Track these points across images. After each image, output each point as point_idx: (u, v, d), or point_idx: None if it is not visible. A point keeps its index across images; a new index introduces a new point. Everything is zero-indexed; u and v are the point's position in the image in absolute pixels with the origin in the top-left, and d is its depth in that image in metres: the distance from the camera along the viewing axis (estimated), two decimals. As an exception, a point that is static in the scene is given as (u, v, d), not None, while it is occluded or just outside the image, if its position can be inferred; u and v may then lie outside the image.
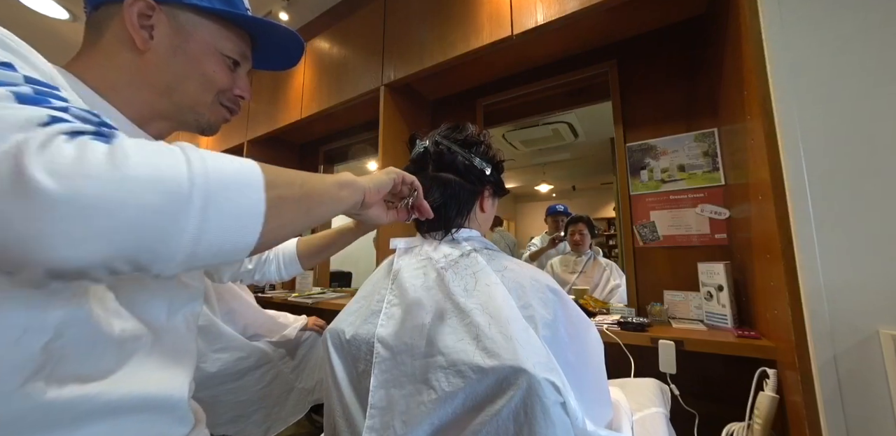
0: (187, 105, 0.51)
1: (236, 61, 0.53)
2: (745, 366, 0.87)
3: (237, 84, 0.54)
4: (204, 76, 0.50)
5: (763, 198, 0.79)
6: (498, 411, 0.44)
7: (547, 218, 1.84)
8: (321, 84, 1.91)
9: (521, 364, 0.44)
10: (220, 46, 0.51)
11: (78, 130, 0.26)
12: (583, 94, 1.50)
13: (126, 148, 0.26)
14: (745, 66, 0.85)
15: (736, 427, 0.83)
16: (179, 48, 0.48)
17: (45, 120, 0.26)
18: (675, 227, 1.23)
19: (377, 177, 0.51)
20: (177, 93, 0.49)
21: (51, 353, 0.32)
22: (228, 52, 0.52)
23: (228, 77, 0.53)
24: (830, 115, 0.74)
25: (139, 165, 0.25)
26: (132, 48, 0.46)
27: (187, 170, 0.27)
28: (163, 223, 0.26)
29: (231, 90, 0.54)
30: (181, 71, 0.49)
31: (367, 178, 0.49)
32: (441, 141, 0.65)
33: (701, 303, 1.10)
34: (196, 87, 0.50)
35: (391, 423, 0.50)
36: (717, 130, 1.18)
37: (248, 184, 0.31)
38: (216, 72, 0.51)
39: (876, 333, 0.66)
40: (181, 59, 0.48)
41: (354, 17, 1.83)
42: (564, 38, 1.36)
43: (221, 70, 0.52)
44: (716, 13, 1.08)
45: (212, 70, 0.50)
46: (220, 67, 0.51)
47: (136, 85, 0.47)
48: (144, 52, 0.46)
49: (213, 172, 0.28)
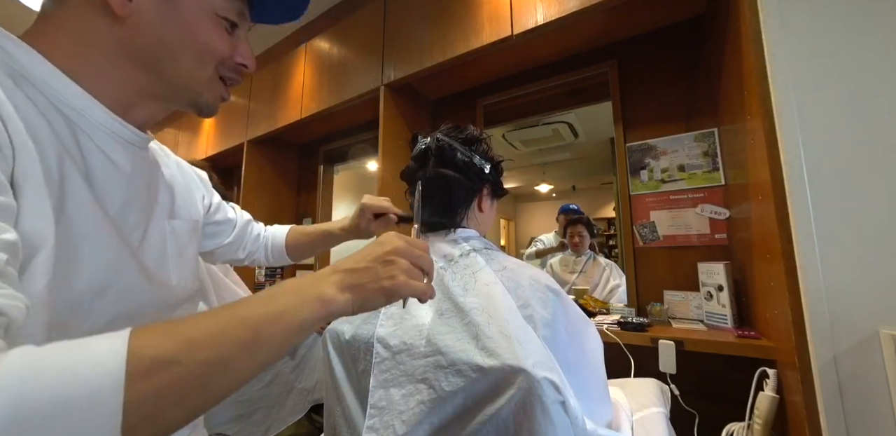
0: (182, 83, 0.42)
1: (233, 23, 0.44)
2: (745, 366, 0.87)
3: (238, 50, 0.45)
4: (200, 45, 0.41)
5: (763, 198, 0.79)
6: (498, 411, 0.44)
7: (559, 217, 1.83)
8: (321, 84, 1.91)
9: (520, 364, 0.44)
10: (215, 5, 0.42)
11: None
12: (583, 94, 1.50)
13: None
14: (745, 66, 0.85)
15: (736, 427, 0.83)
16: (167, 10, 0.39)
17: None
18: (675, 227, 1.23)
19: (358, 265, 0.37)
20: (167, 68, 0.40)
21: None
22: (224, 12, 0.43)
23: (228, 43, 0.44)
24: (830, 115, 0.73)
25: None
26: (107, 13, 0.36)
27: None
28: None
29: (232, 58, 0.45)
30: (171, 40, 0.39)
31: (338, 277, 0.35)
32: (442, 138, 0.65)
33: (701, 303, 1.10)
34: (190, 59, 0.41)
35: (391, 423, 0.50)
36: (717, 130, 1.18)
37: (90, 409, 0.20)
38: (213, 38, 0.42)
39: (876, 333, 0.66)
40: (170, 24, 0.39)
41: (354, 17, 1.83)
42: (564, 38, 1.36)
43: (219, 35, 0.42)
44: (716, 13, 1.08)
45: (208, 36, 0.41)
46: (217, 32, 0.42)
47: (114, 61, 0.38)
48: (123, 18, 0.37)
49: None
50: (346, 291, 0.35)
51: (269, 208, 2.37)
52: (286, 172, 2.51)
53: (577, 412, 0.45)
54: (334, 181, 2.45)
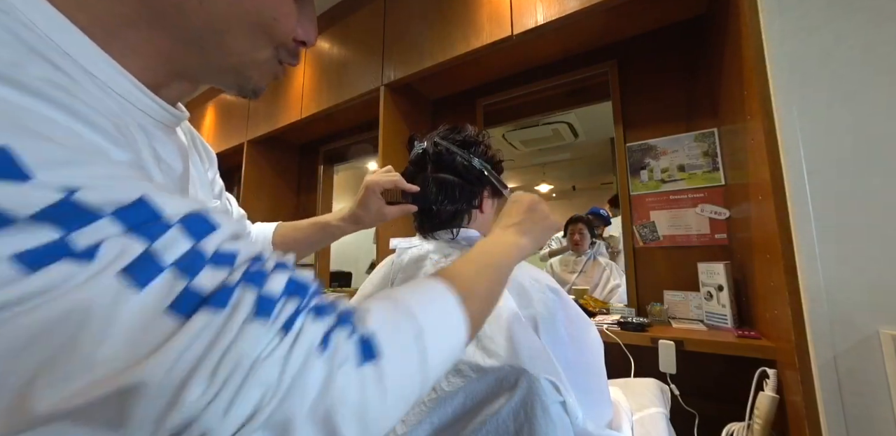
0: (229, 65, 0.33)
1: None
2: (745, 366, 0.87)
3: (300, 23, 0.35)
4: (261, 25, 0.31)
5: (763, 198, 0.79)
6: (497, 411, 0.44)
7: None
8: (321, 84, 1.91)
9: (520, 364, 0.44)
10: None
11: (328, 330, 0.24)
12: (583, 95, 1.50)
13: (383, 368, 0.24)
14: (745, 66, 0.85)
15: (736, 427, 0.83)
16: None
17: (284, 321, 0.22)
18: (675, 227, 1.23)
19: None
20: (212, 47, 0.31)
21: None
22: None
23: (294, 19, 0.33)
24: (830, 114, 0.73)
25: (400, 390, 0.25)
26: None
27: (424, 375, 0.27)
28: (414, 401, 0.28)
29: (294, 36, 0.35)
30: (221, 16, 0.29)
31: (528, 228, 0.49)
32: (440, 142, 0.65)
33: (701, 303, 1.10)
34: (246, 39, 0.31)
35: (391, 423, 0.50)
36: (717, 130, 1.18)
37: (455, 354, 0.32)
38: (280, 14, 0.32)
39: (876, 333, 0.66)
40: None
41: (354, 17, 1.83)
42: (564, 38, 1.36)
43: (286, 9, 0.32)
44: (716, 13, 1.08)
45: (272, 9, 0.31)
46: (285, 5, 0.32)
47: (146, 31, 0.29)
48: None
49: (443, 359, 0.30)
50: (525, 235, 0.48)
51: (270, 209, 2.37)
52: (286, 172, 2.51)
53: (578, 412, 0.46)
54: (334, 181, 2.45)
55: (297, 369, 0.21)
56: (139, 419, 0.18)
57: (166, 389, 0.18)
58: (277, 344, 0.21)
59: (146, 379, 0.18)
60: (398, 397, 0.25)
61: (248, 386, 0.19)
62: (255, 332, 0.20)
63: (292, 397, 0.20)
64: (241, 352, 0.19)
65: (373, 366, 0.24)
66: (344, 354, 0.23)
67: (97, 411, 0.17)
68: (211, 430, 0.18)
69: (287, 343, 0.21)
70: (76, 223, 0.18)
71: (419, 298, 0.31)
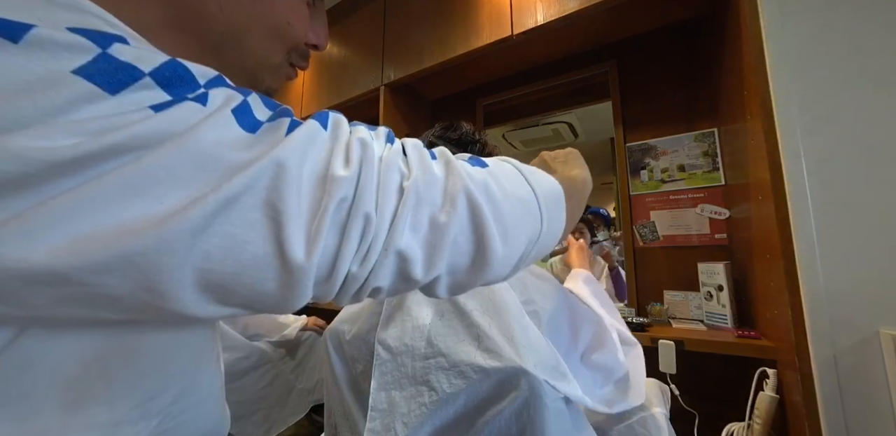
0: (245, 68, 0.34)
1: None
2: (745, 366, 0.88)
3: (312, 27, 0.37)
4: (276, 29, 0.33)
5: (763, 198, 0.79)
6: (500, 411, 0.44)
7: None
8: (321, 84, 1.91)
9: (522, 365, 0.44)
10: None
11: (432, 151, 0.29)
12: (583, 95, 1.50)
13: (494, 172, 0.29)
14: (745, 66, 0.85)
15: (736, 427, 0.83)
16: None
17: (384, 137, 0.27)
18: (675, 227, 1.23)
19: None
20: (231, 50, 0.32)
21: None
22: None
23: (307, 24, 0.36)
24: (830, 115, 0.73)
25: (514, 190, 0.29)
26: None
27: (533, 192, 0.30)
28: (533, 238, 0.30)
29: (306, 40, 0.37)
30: (242, 20, 0.31)
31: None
32: (435, 141, 0.64)
33: (701, 303, 1.10)
34: (261, 44, 0.33)
35: (392, 425, 0.50)
36: (717, 130, 1.18)
37: (560, 200, 0.33)
38: (293, 19, 0.34)
39: (876, 333, 0.66)
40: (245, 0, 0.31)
41: (354, 17, 1.83)
42: (564, 38, 1.36)
43: (301, 14, 0.34)
44: (716, 13, 1.08)
45: (286, 15, 0.33)
46: (299, 10, 0.34)
47: (169, 36, 0.29)
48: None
49: (546, 193, 0.31)
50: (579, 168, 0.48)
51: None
52: (286, 172, 2.51)
53: (585, 400, 0.46)
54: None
55: (418, 159, 0.26)
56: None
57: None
58: (386, 147, 0.26)
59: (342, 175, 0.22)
60: (512, 191, 0.28)
61: (385, 172, 0.24)
62: (363, 130, 0.25)
63: (421, 177, 0.25)
64: (365, 141, 0.24)
65: (484, 168, 0.28)
66: (455, 159, 0.27)
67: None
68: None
69: (398, 144, 0.27)
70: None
71: (532, 171, 0.34)
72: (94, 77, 0.18)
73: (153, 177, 0.18)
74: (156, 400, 0.25)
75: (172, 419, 0.26)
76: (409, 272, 0.24)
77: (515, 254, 0.28)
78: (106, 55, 0.19)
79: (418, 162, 0.25)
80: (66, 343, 0.21)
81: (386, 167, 0.24)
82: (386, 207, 0.23)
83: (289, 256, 0.20)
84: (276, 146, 0.20)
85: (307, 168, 0.21)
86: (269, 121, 0.22)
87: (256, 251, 0.19)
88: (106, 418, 0.23)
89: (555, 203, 0.32)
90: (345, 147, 0.23)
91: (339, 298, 0.24)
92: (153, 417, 0.25)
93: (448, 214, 0.24)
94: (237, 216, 0.19)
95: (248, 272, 0.20)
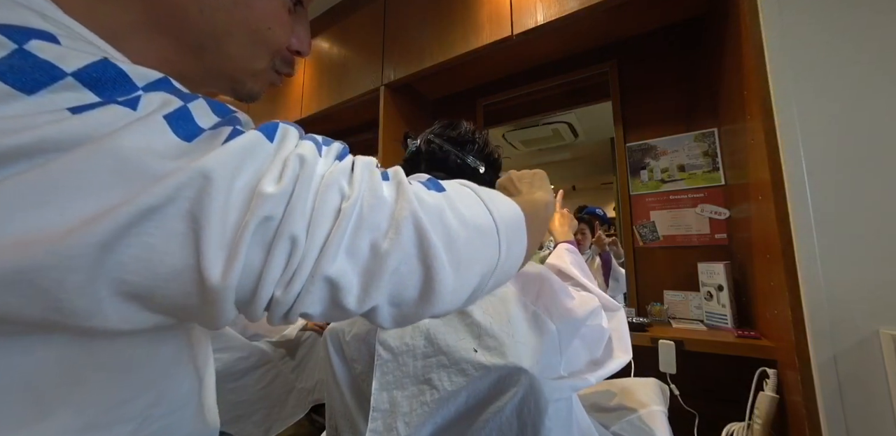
0: (227, 71, 0.34)
1: (299, 1, 0.36)
2: (745, 366, 0.88)
3: (295, 33, 0.37)
4: (256, 33, 0.33)
5: (763, 198, 0.79)
6: (501, 408, 0.44)
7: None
8: (321, 84, 1.91)
9: (523, 362, 0.44)
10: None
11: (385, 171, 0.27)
12: (583, 95, 1.50)
13: (451, 197, 0.27)
14: (745, 66, 0.85)
15: (736, 427, 0.83)
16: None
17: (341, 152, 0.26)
18: (675, 227, 1.23)
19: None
20: (211, 53, 0.32)
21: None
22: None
23: (288, 29, 0.35)
24: (830, 115, 0.74)
25: (471, 217, 0.28)
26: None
27: (492, 218, 0.29)
28: (490, 268, 0.29)
29: (288, 46, 0.37)
30: (222, 23, 0.31)
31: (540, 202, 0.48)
32: (433, 139, 0.64)
33: (701, 303, 1.10)
34: (242, 48, 0.33)
35: (394, 425, 0.50)
36: (717, 130, 1.18)
37: (521, 227, 0.33)
38: (274, 24, 0.33)
39: (876, 333, 0.66)
40: (224, 3, 0.31)
41: (354, 17, 1.83)
42: (564, 38, 1.36)
43: (281, 20, 0.34)
44: (716, 13, 1.08)
45: (266, 20, 0.33)
46: (279, 16, 0.34)
47: (148, 37, 0.29)
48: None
49: (506, 220, 0.30)
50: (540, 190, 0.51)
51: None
52: (286, 172, 2.51)
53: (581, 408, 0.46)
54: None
55: (361, 176, 0.24)
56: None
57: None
58: (334, 164, 0.24)
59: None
60: (470, 218, 0.27)
61: (324, 191, 0.22)
62: (308, 146, 0.24)
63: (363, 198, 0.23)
64: (304, 157, 0.23)
65: (440, 193, 0.27)
66: (407, 182, 0.26)
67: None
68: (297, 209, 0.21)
69: (347, 161, 0.25)
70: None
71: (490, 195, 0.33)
72: (5, 75, 0.17)
73: (60, 184, 0.17)
74: (130, 405, 0.25)
75: (151, 424, 0.26)
76: (340, 301, 0.22)
77: (469, 285, 0.27)
78: (22, 52, 0.17)
79: (366, 183, 0.24)
80: (24, 348, 0.20)
81: (325, 187, 0.22)
82: (318, 229, 0.21)
83: (204, 274, 0.19)
84: (205, 156, 0.19)
85: (241, 181, 0.20)
86: (212, 129, 0.21)
87: (176, 264, 0.19)
88: (75, 423, 0.22)
89: (515, 230, 0.31)
90: (281, 162, 0.22)
91: (269, 319, 0.23)
92: (128, 421, 0.24)
93: (391, 241, 0.23)
94: (157, 227, 0.18)
95: (169, 285, 0.19)
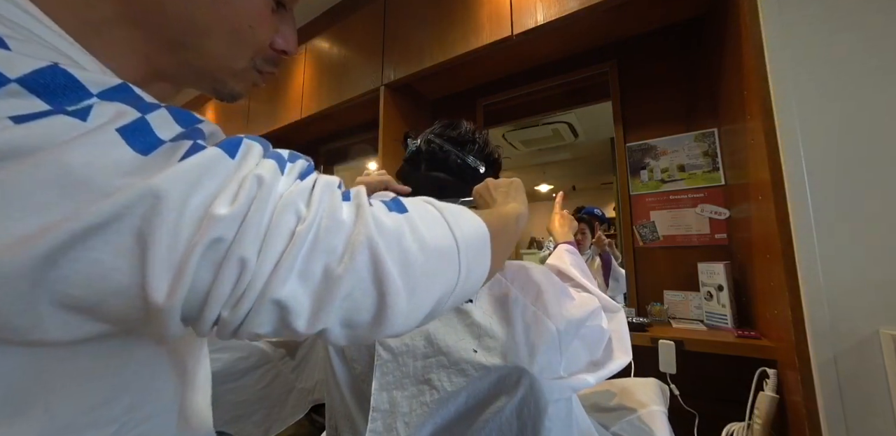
0: (206, 70, 0.34)
1: (280, 1, 0.35)
2: (745, 366, 0.87)
3: (280, 32, 0.36)
4: (237, 32, 0.32)
5: (763, 198, 0.79)
6: (501, 409, 0.44)
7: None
8: (321, 84, 1.91)
9: (522, 363, 0.44)
10: None
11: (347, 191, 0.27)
12: (583, 94, 1.50)
13: (413, 219, 0.27)
14: (745, 66, 0.85)
15: (736, 427, 0.83)
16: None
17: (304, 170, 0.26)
18: (675, 227, 1.23)
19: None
20: (190, 49, 0.31)
21: None
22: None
23: (270, 28, 0.35)
24: (830, 114, 0.73)
25: (432, 239, 0.27)
26: None
27: (454, 239, 0.29)
28: (448, 291, 0.29)
29: (271, 44, 0.36)
30: (202, 20, 0.30)
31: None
32: (433, 139, 0.63)
33: (701, 303, 1.10)
34: (222, 46, 0.32)
35: (394, 425, 0.50)
36: (717, 130, 1.18)
37: (485, 246, 0.32)
38: (255, 23, 0.33)
39: (876, 333, 0.66)
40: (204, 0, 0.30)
41: (354, 17, 1.83)
42: (564, 38, 1.36)
43: (262, 18, 0.33)
44: (716, 13, 1.08)
45: (247, 18, 0.32)
46: (261, 14, 0.33)
47: (126, 31, 0.29)
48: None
49: (468, 240, 0.30)
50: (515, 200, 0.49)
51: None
52: (286, 172, 2.51)
53: (581, 408, 0.46)
54: (334, 181, 2.45)
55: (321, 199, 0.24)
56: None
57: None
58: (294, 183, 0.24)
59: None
60: (430, 240, 0.27)
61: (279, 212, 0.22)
62: (269, 165, 0.23)
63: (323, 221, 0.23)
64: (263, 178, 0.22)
65: (402, 214, 0.27)
66: (367, 204, 0.25)
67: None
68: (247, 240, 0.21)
69: (308, 181, 0.25)
70: None
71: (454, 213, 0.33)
72: None
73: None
74: (106, 408, 0.24)
75: (132, 429, 0.25)
76: (290, 323, 0.22)
77: (424, 308, 0.27)
78: None
79: (325, 204, 0.24)
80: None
81: (282, 208, 0.22)
82: (270, 251, 0.21)
83: (149, 292, 0.19)
84: (159, 173, 0.19)
85: (195, 200, 0.20)
86: (173, 140, 0.20)
87: (122, 280, 0.18)
88: (48, 425, 0.22)
89: (478, 250, 0.31)
90: (238, 182, 0.21)
91: (217, 336, 0.23)
92: (106, 425, 0.24)
93: (345, 265, 0.22)
94: (106, 242, 0.18)
95: (115, 299, 0.19)
